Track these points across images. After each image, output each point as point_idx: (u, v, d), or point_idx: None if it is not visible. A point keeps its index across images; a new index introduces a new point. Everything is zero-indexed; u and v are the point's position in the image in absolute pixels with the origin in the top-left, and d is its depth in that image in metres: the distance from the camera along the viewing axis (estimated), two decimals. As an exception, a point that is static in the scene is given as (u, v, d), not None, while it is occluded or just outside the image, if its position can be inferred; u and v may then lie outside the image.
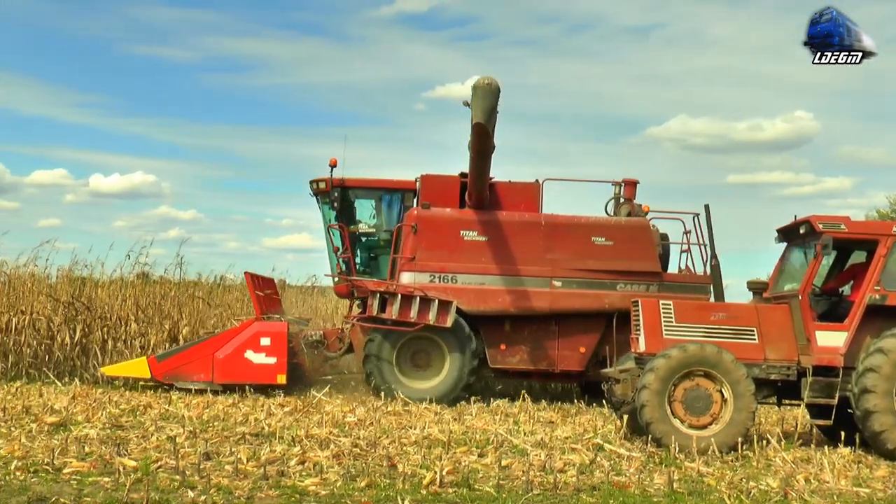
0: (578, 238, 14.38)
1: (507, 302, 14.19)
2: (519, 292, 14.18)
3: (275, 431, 9.86)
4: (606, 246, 14.32)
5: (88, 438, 9.00)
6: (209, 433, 9.66)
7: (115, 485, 7.29)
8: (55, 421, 9.76)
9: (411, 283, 14.09)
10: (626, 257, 14.29)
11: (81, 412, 10.52)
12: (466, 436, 10.35)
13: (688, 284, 14.46)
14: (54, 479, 7.46)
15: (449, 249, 14.24)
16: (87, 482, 7.38)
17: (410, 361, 14.26)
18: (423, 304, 13.76)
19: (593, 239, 14.34)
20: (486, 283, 14.19)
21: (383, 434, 10.11)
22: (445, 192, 14.70)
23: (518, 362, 14.44)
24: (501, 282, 14.18)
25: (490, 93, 12.23)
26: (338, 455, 8.65)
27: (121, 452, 8.37)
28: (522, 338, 14.41)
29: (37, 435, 9.09)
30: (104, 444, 8.75)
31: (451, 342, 14.01)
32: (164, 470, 7.80)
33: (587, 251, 14.29)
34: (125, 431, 9.59)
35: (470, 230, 14.30)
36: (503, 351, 14.38)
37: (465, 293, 14.10)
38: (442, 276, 14.16)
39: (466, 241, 14.27)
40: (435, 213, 14.42)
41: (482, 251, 14.23)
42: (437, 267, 14.18)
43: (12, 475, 7.47)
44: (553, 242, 14.35)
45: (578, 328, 14.39)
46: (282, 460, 8.34)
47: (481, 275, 14.19)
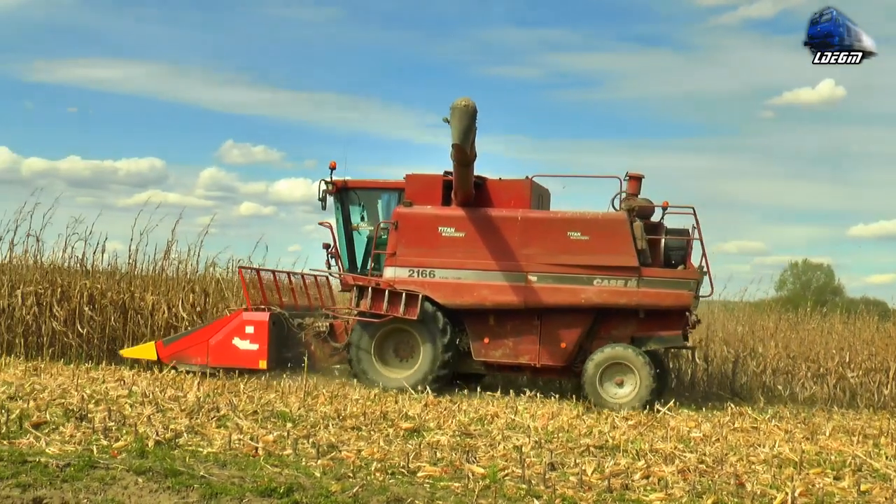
0: (554, 233, 14.42)
1: (483, 296, 14.50)
2: (495, 287, 14.46)
3: (619, 444, 9.79)
4: (582, 241, 14.28)
5: (440, 444, 9.36)
6: (554, 444, 9.74)
7: (464, 490, 7.53)
8: (410, 427, 10.24)
9: (392, 278, 14.73)
10: (603, 252, 14.16)
11: (433, 419, 10.99)
12: (820, 456, 9.73)
13: (668, 280, 14.06)
14: (409, 481, 7.83)
15: (427, 245, 14.74)
16: (439, 486, 7.68)
17: (393, 352, 14.96)
18: (394, 297, 14.50)
19: (569, 234, 14.31)
20: (462, 277, 14.61)
21: (730, 451, 9.74)
22: (429, 190, 15.10)
23: (501, 356, 14.71)
24: (478, 276, 14.54)
25: (467, 114, 13.07)
26: (683, 471, 8.43)
27: (470, 459, 8.64)
28: (505, 332, 14.67)
29: (393, 439, 9.59)
30: (454, 451, 9.06)
31: (423, 334, 14.63)
32: (511, 478, 7.95)
33: (563, 246, 14.31)
34: (474, 439, 9.88)
35: (448, 227, 14.72)
36: (486, 344, 14.72)
37: (441, 287, 14.63)
38: (420, 270, 14.71)
39: (444, 237, 14.70)
40: (415, 211, 14.92)
41: (459, 247, 14.63)
42: (416, 262, 14.73)
43: (372, 476, 7.93)
44: (529, 238, 14.45)
45: (559, 323, 14.48)
46: (626, 473, 8.25)
47: (458, 269, 14.62)
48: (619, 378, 14.04)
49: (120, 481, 7.52)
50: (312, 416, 10.66)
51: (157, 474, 7.65)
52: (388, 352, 14.97)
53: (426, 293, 14.57)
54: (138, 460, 8.02)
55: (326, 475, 7.88)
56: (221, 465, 8.08)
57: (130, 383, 12.35)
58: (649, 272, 14.07)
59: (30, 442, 8.52)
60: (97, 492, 7.32)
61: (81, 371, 13.64)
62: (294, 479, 7.64)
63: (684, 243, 14.49)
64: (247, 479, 7.65)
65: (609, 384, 14.05)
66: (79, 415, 9.54)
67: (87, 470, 7.70)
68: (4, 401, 10.17)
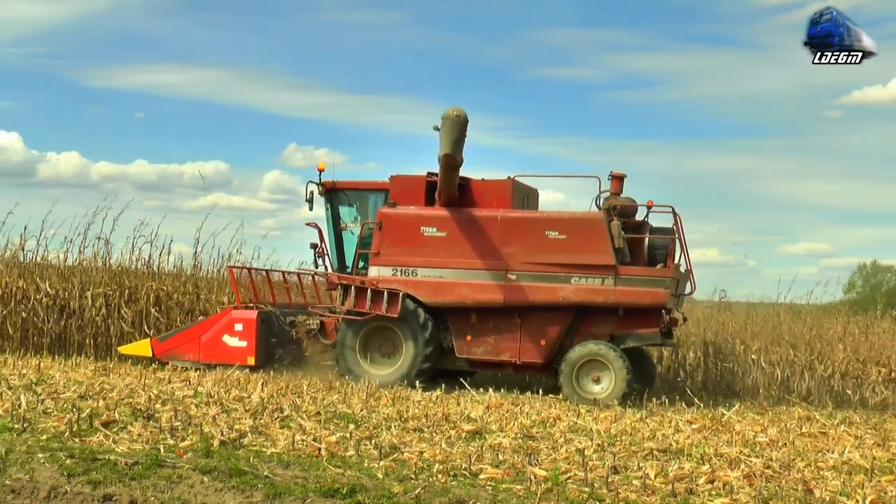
0: (533, 232, 14.55)
1: (464, 294, 14.68)
2: (475, 285, 14.65)
3: (683, 448, 9.67)
4: (560, 240, 14.40)
5: (502, 447, 9.34)
6: (617, 447, 9.66)
7: (526, 492, 7.52)
8: (472, 429, 10.23)
9: (377, 277, 14.98)
10: (580, 251, 14.27)
11: (495, 421, 10.97)
12: (892, 463, 9.54)
13: (644, 278, 14.16)
14: (471, 483, 7.83)
15: (410, 245, 14.92)
16: (500, 488, 7.67)
17: (378, 349, 15.18)
18: (376, 296, 14.76)
19: (547, 233, 14.45)
20: (443, 276, 14.79)
21: (797, 456, 9.57)
22: (412, 191, 15.28)
23: (483, 353, 14.90)
24: (459, 275, 14.72)
25: (458, 124, 13.52)
26: (749, 476, 8.31)
27: (532, 462, 8.61)
28: (488, 329, 14.83)
29: (455, 441, 9.59)
30: (516, 453, 9.03)
31: (405, 332, 14.87)
32: (573, 481, 7.92)
33: (541, 245, 14.44)
34: (536, 442, 9.85)
35: (430, 226, 14.90)
36: (469, 342, 14.90)
37: (423, 286, 14.84)
38: (403, 269, 14.93)
39: (426, 237, 14.89)
40: (398, 211, 15.10)
41: (441, 246, 14.81)
42: (399, 261, 14.94)
43: (434, 477, 7.95)
44: (509, 237, 14.60)
45: (540, 321, 14.62)
46: (690, 478, 8.15)
47: (440, 269, 14.80)
48: (595, 374, 14.23)
49: (186, 480, 7.64)
50: (375, 417, 10.71)
51: (221, 474, 7.76)
52: (373, 349, 15.21)
53: (409, 292, 14.81)
54: (204, 460, 8.14)
55: (389, 476, 7.92)
56: (285, 466, 8.15)
57: (196, 384, 12.52)
58: (626, 271, 14.17)
59: (99, 440, 8.68)
60: (164, 490, 7.45)
61: (149, 371, 13.87)
62: (356, 480, 7.69)
63: (668, 241, 14.60)
64: (310, 480, 7.71)
65: (586, 380, 14.24)
66: (146, 414, 9.70)
67: (154, 468, 7.84)
68: (75, 400, 10.37)
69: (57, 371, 12.92)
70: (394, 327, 14.97)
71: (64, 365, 13.88)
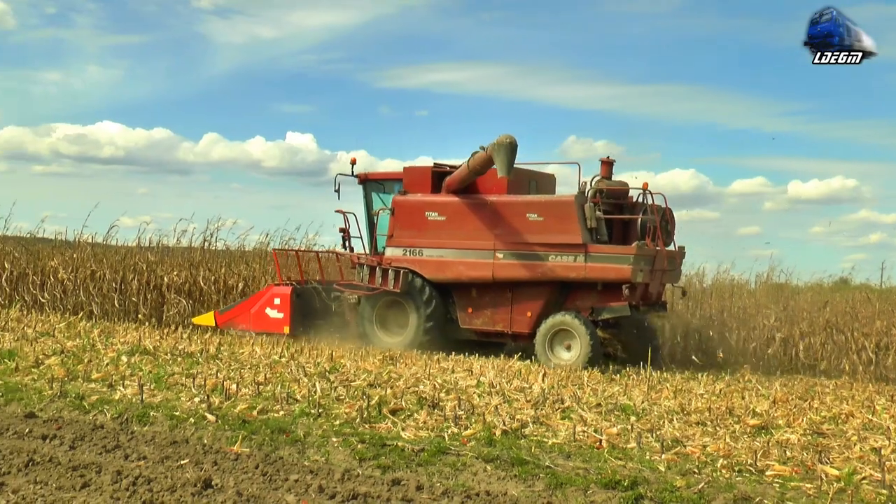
0: (516, 215, 16.17)
1: (460, 271, 16.60)
2: (469, 263, 16.50)
3: None
4: (538, 221, 15.94)
5: (789, 443, 8.96)
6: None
7: (817, 492, 7.19)
8: (756, 423, 9.87)
9: (391, 257, 17.11)
10: (555, 231, 15.75)
11: (782, 416, 10.52)
12: None
13: (610, 255, 15.39)
14: (757, 480, 7.57)
15: (417, 228, 16.98)
16: (788, 486, 7.37)
17: (395, 321, 17.23)
18: (385, 273, 16.86)
19: (528, 215, 16.03)
20: (444, 255, 16.75)
21: None
22: (421, 180, 17.39)
23: (482, 324, 16.76)
24: (456, 254, 16.64)
25: (512, 150, 15.31)
26: None
27: (823, 460, 8.20)
28: (485, 303, 16.69)
29: (740, 436, 9.28)
30: (805, 450, 8.64)
31: (411, 305, 16.93)
32: (869, 482, 7.48)
33: (523, 227, 16.05)
34: (827, 439, 9.37)
35: (433, 211, 16.89)
36: (470, 314, 16.83)
37: (428, 264, 16.86)
38: (411, 250, 17.01)
39: (430, 221, 16.90)
40: (408, 198, 17.20)
41: (442, 229, 16.78)
42: (408, 243, 17.04)
43: (718, 472, 7.75)
44: (496, 220, 16.32)
45: (526, 295, 16.31)
46: None
47: (441, 249, 16.77)
48: (567, 342, 15.73)
49: (469, 468, 7.87)
50: (656, 409, 10.56)
51: (504, 462, 7.93)
52: (390, 320, 17.31)
53: (416, 269, 16.85)
54: (486, 448, 8.34)
55: (671, 470, 7.80)
56: (566, 456, 8.22)
57: (478, 374, 12.85)
58: (595, 248, 15.49)
59: (388, 427, 9.11)
60: (449, 476, 7.70)
61: (433, 362, 14.38)
62: (638, 473, 7.63)
63: (647, 221, 15.80)
64: (591, 471, 7.73)
65: (559, 348, 15.77)
66: (431, 403, 10.06)
67: (439, 455, 8.12)
68: (365, 388, 10.93)
69: (348, 360, 13.66)
70: (403, 301, 17.00)
71: (355, 355, 14.65)
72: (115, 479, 7.33)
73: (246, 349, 14.49)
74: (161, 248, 23.45)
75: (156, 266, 22.00)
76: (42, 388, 10.78)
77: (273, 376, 11.58)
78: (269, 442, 8.67)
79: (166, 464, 7.97)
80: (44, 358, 12.60)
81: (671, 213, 16.72)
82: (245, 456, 8.23)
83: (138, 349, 13.66)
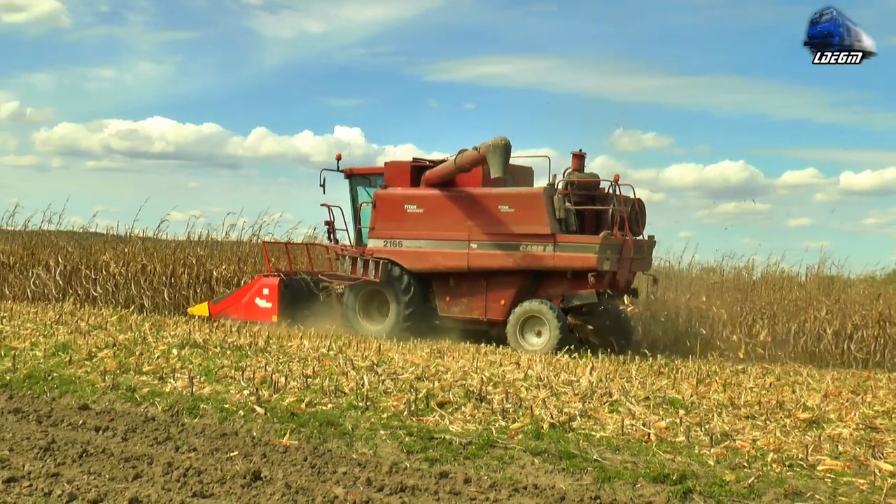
0: (489, 207, 16.85)
1: (437, 261, 17.32)
2: (445, 253, 17.21)
3: None
4: (510, 213, 16.63)
5: (842, 437, 8.83)
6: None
7: (870, 487, 7.09)
8: (807, 417, 9.75)
9: (373, 248, 17.85)
10: (525, 222, 16.43)
11: (834, 411, 10.37)
12: None
13: (576, 244, 16.10)
14: (808, 474, 7.49)
15: (397, 220, 17.71)
16: (841, 481, 7.28)
17: (377, 310, 17.98)
18: (366, 264, 17.59)
19: (500, 207, 16.72)
20: (422, 246, 17.46)
21: None
22: (400, 174, 18.06)
23: (459, 312, 17.46)
24: (433, 245, 17.36)
25: (506, 152, 15.85)
26: None
27: (876, 455, 8.07)
28: (462, 291, 17.39)
29: (790, 430, 9.16)
30: (858, 445, 8.51)
31: (391, 294, 17.66)
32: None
33: (496, 218, 16.74)
34: (880, 434, 9.20)
35: (411, 204, 17.62)
36: (448, 302, 17.54)
37: (406, 255, 17.57)
38: (391, 241, 17.73)
39: (409, 213, 17.62)
40: (389, 192, 17.94)
41: (420, 221, 17.49)
42: (389, 234, 17.78)
43: (769, 466, 7.67)
44: (471, 211, 17.00)
45: (500, 283, 16.98)
46: None
47: (419, 240, 17.48)
48: (537, 329, 16.46)
49: (517, 461, 7.87)
50: (705, 403, 10.47)
51: (552, 456, 7.92)
52: (372, 309, 18.06)
53: (396, 260, 17.57)
54: (534, 441, 8.33)
55: (720, 464, 7.74)
56: (614, 450, 8.18)
57: (526, 367, 12.82)
58: (563, 238, 16.16)
59: (435, 420, 9.13)
60: (496, 469, 7.71)
61: (480, 355, 14.37)
62: (687, 467, 7.58)
63: (615, 212, 16.48)
64: (639, 465, 7.69)
65: (530, 334, 16.52)
66: (478, 396, 10.06)
67: (486, 448, 8.13)
68: (413, 381, 10.96)
69: (396, 353, 13.71)
70: (384, 290, 17.74)
71: (403, 348, 14.69)
72: (166, 471, 7.43)
73: (294, 342, 14.57)
74: (210, 242, 23.69)
75: (205, 260, 22.26)
76: (95, 381, 10.94)
77: (321, 369, 11.64)
78: (317, 435, 8.73)
79: (216, 456, 8.06)
80: (97, 351, 12.77)
81: (642, 204, 17.49)
82: (293, 448, 8.30)
83: (188, 342, 13.79)
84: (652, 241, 17.76)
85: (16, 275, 23.66)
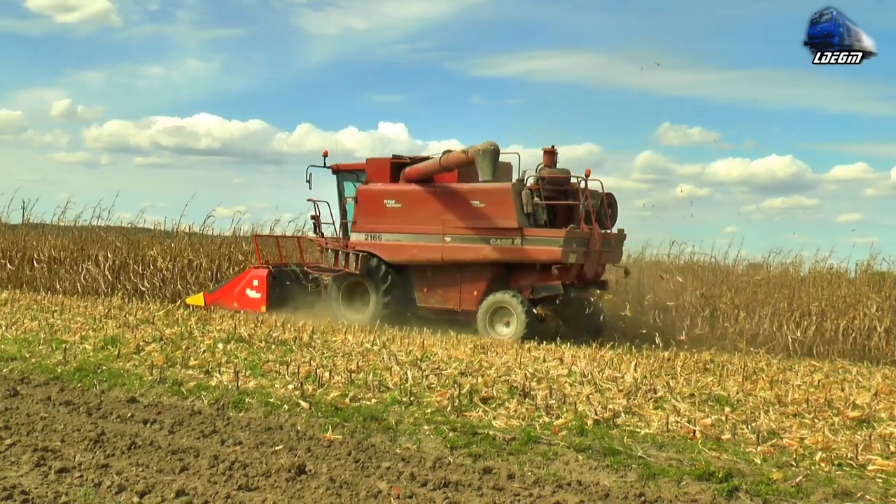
0: (462, 202, 17.57)
1: (414, 254, 18.10)
2: (421, 246, 17.99)
3: None
4: (480, 208, 17.34)
5: (893, 437, 8.67)
6: None
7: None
8: (857, 416, 9.59)
9: (355, 241, 18.71)
10: (494, 216, 17.13)
11: (885, 409, 10.20)
12: None
13: (542, 238, 16.71)
14: (858, 474, 7.38)
15: (377, 215, 18.54)
16: (892, 482, 7.17)
17: (360, 300, 18.77)
18: (347, 256, 18.47)
19: (472, 202, 17.43)
20: (400, 239, 18.27)
21: None
22: (380, 170, 18.83)
23: (436, 302, 18.22)
24: (410, 238, 18.15)
25: (495, 156, 16.70)
26: None
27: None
28: (438, 283, 18.14)
29: (839, 428, 9.03)
30: (909, 444, 8.39)
31: (371, 285, 18.49)
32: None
33: (468, 212, 17.44)
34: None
35: (390, 199, 18.40)
36: (425, 293, 18.31)
37: (386, 248, 18.42)
38: (372, 234, 18.57)
39: (388, 208, 18.41)
40: (370, 188, 18.78)
41: (398, 215, 18.28)
42: (369, 228, 18.63)
43: (817, 465, 7.57)
44: (445, 206, 17.71)
45: (472, 275, 17.71)
46: None
47: (397, 233, 18.28)
48: (506, 319, 17.17)
49: (561, 457, 7.84)
50: (752, 400, 10.35)
51: (596, 452, 7.88)
52: (355, 299, 18.84)
53: (376, 252, 18.39)
54: (578, 438, 8.30)
55: (767, 462, 7.65)
56: (659, 447, 8.12)
57: (570, 363, 12.77)
58: (530, 232, 16.80)
59: (479, 415, 9.12)
60: (540, 466, 7.69)
61: (524, 350, 14.34)
62: (733, 465, 7.51)
63: (591, 206, 17.18)
64: (684, 462, 7.63)
65: (499, 324, 17.21)
66: (522, 392, 10.03)
67: (530, 444, 8.11)
68: (456, 376, 10.95)
69: (439, 349, 13.71)
70: (364, 281, 18.54)
71: (446, 343, 14.70)
72: (212, 464, 7.50)
73: (338, 337, 14.64)
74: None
75: (250, 255, 22.42)
76: (143, 374, 11.07)
77: (365, 364, 11.68)
78: (361, 429, 8.76)
79: (261, 449, 8.12)
80: (144, 345, 12.92)
81: (612, 198, 18.09)
82: (338, 443, 8.34)
83: (234, 337, 13.91)
84: (622, 235, 18.37)
85: (66, 269, 24.03)
